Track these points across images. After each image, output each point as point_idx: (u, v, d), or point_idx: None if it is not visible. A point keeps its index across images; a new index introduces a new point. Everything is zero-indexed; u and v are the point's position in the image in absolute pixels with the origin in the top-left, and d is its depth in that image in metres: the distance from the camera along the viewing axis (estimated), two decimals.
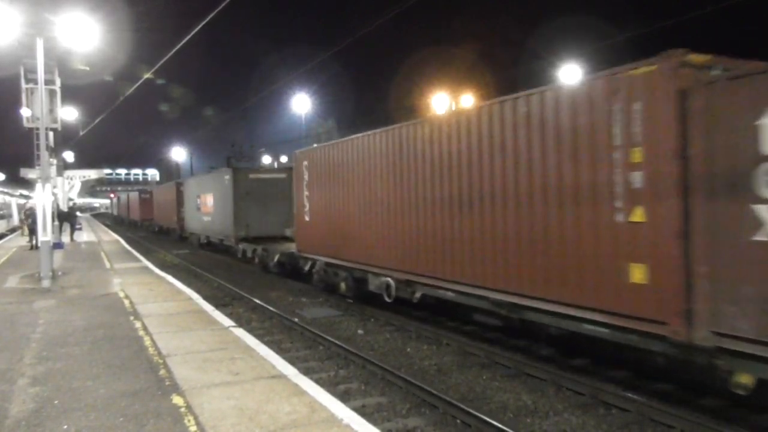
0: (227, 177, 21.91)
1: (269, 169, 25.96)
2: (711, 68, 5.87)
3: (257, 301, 13.85)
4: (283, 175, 21.25)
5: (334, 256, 13.43)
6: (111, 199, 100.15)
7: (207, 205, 25.56)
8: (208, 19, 11.76)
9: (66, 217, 28.79)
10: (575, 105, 7.00)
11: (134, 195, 55.83)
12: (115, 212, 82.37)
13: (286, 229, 19.18)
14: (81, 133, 34.26)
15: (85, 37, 13.87)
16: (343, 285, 13.35)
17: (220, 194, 23.07)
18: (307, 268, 15.31)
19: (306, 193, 15.10)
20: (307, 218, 15.08)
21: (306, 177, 15.06)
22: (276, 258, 17.87)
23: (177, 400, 5.59)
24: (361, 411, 6.33)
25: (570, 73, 21.46)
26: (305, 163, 15.12)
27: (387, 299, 11.35)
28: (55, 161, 23.32)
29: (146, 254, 24.18)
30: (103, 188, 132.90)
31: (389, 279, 11.15)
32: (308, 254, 15.14)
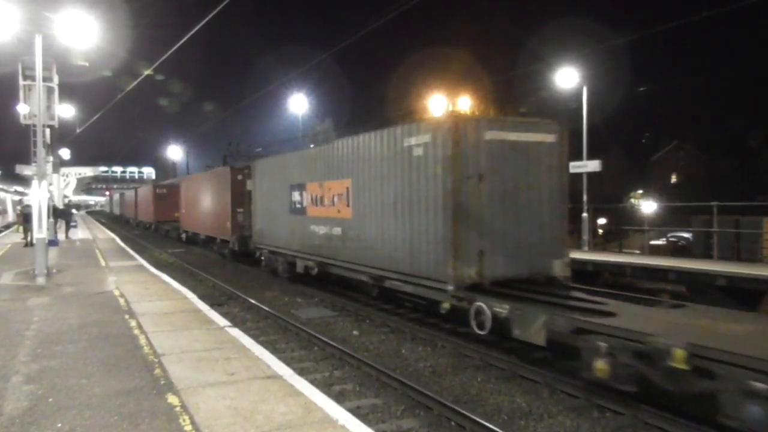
0: (424, 140, 10.06)
1: (519, 121, 10.54)
2: None
3: (252, 301, 13.84)
4: (550, 137, 10.28)
5: None
6: (108, 196, 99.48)
7: (328, 202, 13.70)
8: (209, 17, 11.79)
9: (61, 215, 28.71)
10: None
11: (145, 190, 45.05)
12: (116, 211, 70.53)
13: (554, 260, 10.18)
14: (78, 131, 34.13)
15: (84, 34, 13.84)
16: None
17: (387, 179, 11.16)
18: None
19: None
20: None
21: None
22: None
23: (172, 399, 5.58)
24: (356, 412, 6.34)
25: (567, 76, 21.47)
26: None
27: None
28: (51, 158, 23.23)
29: (141, 252, 24.11)
30: (99, 186, 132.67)
31: None
32: None
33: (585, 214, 20.25)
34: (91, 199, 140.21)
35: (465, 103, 32.30)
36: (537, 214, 10.16)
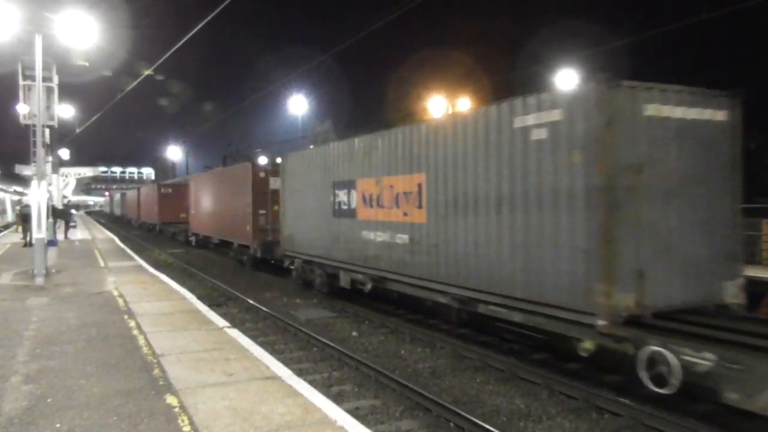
0: (551, 118, 7.53)
1: (685, 92, 7.56)
2: None
3: (251, 302, 13.84)
4: (720, 114, 7.83)
5: None
6: (107, 197, 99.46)
7: (389, 203, 11.21)
8: (209, 18, 11.79)
9: (61, 215, 28.69)
10: None
11: (149, 189, 43.73)
12: (117, 212, 68.51)
13: (727, 281, 7.71)
14: (77, 131, 34.14)
15: (84, 35, 13.85)
16: None
17: (486, 172, 8.73)
18: None
19: None
20: None
21: None
22: None
23: (171, 399, 5.58)
24: (355, 413, 6.34)
25: (566, 78, 21.50)
26: None
27: None
28: (50, 158, 23.21)
29: (140, 253, 24.11)
30: (98, 186, 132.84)
31: None
32: None
33: None
34: (91, 200, 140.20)
35: (465, 104, 32.35)
36: (706, 219, 7.60)
